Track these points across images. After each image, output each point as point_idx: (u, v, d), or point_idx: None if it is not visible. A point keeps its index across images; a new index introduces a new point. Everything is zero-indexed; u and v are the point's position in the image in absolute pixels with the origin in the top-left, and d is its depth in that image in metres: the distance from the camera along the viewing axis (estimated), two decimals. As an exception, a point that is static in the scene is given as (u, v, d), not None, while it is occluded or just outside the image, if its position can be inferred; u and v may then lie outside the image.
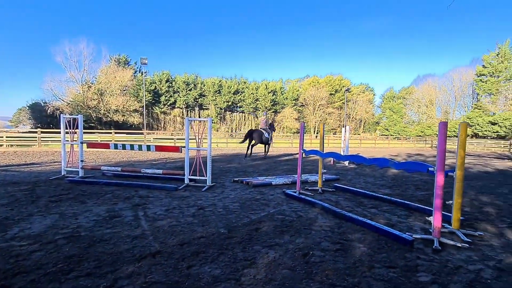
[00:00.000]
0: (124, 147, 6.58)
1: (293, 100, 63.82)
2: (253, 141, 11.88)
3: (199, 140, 6.03)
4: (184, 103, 61.51)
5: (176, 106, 61.74)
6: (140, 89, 51.63)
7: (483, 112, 42.91)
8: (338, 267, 2.50)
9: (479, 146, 32.06)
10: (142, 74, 43.49)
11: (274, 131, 12.74)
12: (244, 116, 64.63)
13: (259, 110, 62.70)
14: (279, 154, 16.21)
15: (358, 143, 32.19)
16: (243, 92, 63.69)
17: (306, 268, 2.48)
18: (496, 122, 40.59)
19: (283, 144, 29.55)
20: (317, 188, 5.79)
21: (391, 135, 52.25)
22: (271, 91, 63.54)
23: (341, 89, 62.40)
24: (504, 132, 39.67)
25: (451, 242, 3.09)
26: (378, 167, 9.96)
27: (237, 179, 6.76)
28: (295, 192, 5.27)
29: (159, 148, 6.33)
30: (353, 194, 5.62)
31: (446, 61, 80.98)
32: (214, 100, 61.92)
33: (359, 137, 43.71)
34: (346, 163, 10.91)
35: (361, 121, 65.49)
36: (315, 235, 3.27)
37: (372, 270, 2.48)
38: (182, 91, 61.05)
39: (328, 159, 11.93)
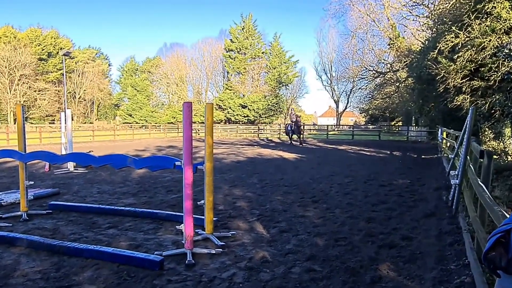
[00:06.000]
0: None
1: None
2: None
3: None
4: None
5: None
6: None
7: (233, 93, 55.32)
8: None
9: (232, 133, 41.08)
10: None
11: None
12: None
13: None
14: None
15: (90, 135, 31.92)
16: None
17: None
18: (246, 105, 53.66)
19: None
20: (20, 213, 5.26)
21: (137, 123, 56.01)
22: None
23: (57, 52, 58.86)
24: (254, 116, 53.28)
25: (205, 251, 3.74)
26: (116, 169, 10.33)
27: None
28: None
29: None
30: (81, 212, 5.57)
31: (194, 30, 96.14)
32: None
33: (92, 127, 43.47)
34: (71, 166, 10.51)
35: (93, 103, 65.29)
36: (14, 293, 2.89)
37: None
38: None
39: (40, 162, 11.00)
